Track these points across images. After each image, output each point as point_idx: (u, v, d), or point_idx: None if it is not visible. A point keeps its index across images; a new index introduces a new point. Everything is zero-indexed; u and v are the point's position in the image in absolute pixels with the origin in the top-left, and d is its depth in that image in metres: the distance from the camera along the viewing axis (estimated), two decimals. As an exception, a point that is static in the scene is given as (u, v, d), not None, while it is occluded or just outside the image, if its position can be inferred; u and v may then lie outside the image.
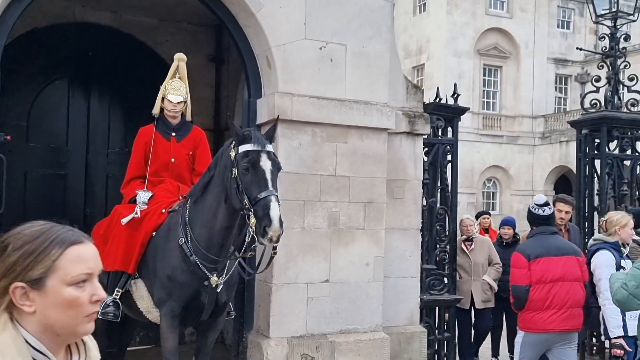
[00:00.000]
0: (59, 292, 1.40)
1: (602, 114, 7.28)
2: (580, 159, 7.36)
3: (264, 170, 3.79)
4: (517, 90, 31.85)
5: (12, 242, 1.44)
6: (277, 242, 3.69)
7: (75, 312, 1.42)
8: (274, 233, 3.61)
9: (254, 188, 3.74)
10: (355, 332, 5.73)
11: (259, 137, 3.93)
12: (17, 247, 1.42)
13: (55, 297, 1.41)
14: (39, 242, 1.43)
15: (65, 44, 6.84)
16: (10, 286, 1.40)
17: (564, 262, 4.90)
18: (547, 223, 5.10)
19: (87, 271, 1.45)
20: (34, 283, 1.40)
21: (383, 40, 5.95)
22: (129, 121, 7.06)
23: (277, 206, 3.67)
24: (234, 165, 3.87)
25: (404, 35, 31.16)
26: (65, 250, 1.43)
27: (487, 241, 7.57)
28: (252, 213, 3.70)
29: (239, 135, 3.92)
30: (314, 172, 5.62)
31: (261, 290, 5.66)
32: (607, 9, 7.53)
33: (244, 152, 3.84)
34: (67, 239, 1.46)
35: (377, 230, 5.89)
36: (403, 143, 6.32)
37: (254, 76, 5.78)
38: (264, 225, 3.63)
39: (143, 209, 4.54)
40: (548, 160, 31.13)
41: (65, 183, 6.88)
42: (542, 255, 4.92)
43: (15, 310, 1.42)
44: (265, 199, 3.67)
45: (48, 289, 1.40)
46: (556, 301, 4.84)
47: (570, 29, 33.58)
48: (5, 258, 1.42)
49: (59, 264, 1.41)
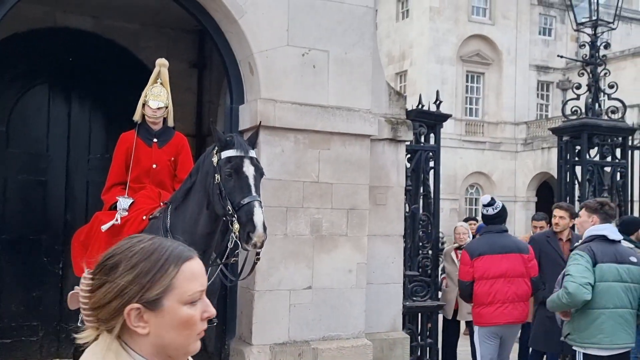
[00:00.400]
0: (176, 311, 1.31)
1: (582, 121, 7.35)
2: (562, 166, 7.42)
3: (247, 175, 3.77)
4: (500, 96, 32.12)
5: (123, 260, 1.32)
6: (261, 247, 3.68)
7: (190, 331, 1.34)
8: (258, 239, 3.60)
9: (237, 194, 3.72)
10: (338, 338, 5.72)
11: (241, 143, 3.92)
12: (131, 265, 1.31)
13: (171, 317, 1.31)
14: (154, 259, 1.32)
15: (46, 49, 6.78)
16: (124, 308, 1.29)
17: (507, 260, 5.21)
18: (494, 222, 5.44)
19: (201, 288, 1.37)
20: (150, 304, 1.30)
21: (366, 47, 5.96)
22: (110, 127, 7.00)
23: (260, 212, 3.65)
24: (217, 171, 3.85)
25: (387, 41, 31.31)
26: (181, 268, 1.34)
27: None
28: (235, 219, 3.68)
29: (221, 140, 3.91)
30: (296, 178, 5.61)
31: (243, 297, 5.63)
32: (587, 17, 7.61)
33: (226, 158, 3.83)
34: (181, 256, 1.35)
35: (360, 237, 5.89)
36: (386, 149, 6.33)
37: (237, 82, 5.77)
38: (248, 231, 3.61)
39: (124, 215, 4.50)
40: (530, 166, 31.39)
41: (46, 189, 6.80)
42: (485, 253, 5.25)
43: (126, 333, 1.32)
44: (248, 205, 3.66)
45: (165, 309, 1.31)
46: (499, 296, 5.17)
47: (552, 36, 33.96)
48: (116, 278, 1.30)
49: (176, 282, 1.32)
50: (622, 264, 4.30)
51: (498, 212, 5.44)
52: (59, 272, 6.69)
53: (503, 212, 5.52)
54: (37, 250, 6.71)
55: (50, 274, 6.76)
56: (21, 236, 6.64)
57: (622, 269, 4.29)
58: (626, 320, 4.31)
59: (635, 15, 34.17)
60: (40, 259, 6.73)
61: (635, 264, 4.36)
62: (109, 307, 1.31)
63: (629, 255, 4.44)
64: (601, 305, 4.26)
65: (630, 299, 4.32)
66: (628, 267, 4.32)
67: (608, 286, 4.26)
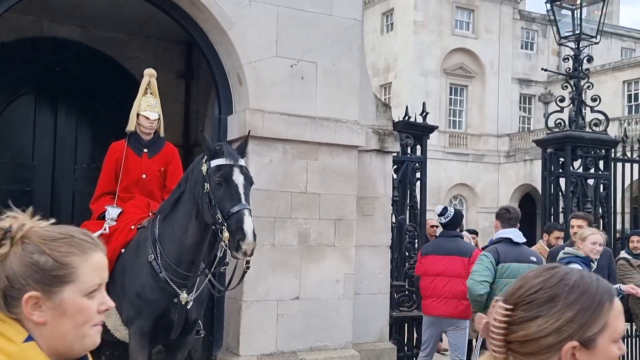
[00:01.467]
0: (608, 350, 1.27)
1: (566, 133, 7.45)
2: (546, 177, 7.50)
3: (237, 184, 3.77)
4: (483, 109, 32.41)
5: (561, 295, 1.28)
6: (251, 255, 3.67)
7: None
8: (247, 247, 3.59)
9: (226, 202, 3.72)
10: (326, 349, 5.72)
11: (231, 152, 3.92)
12: (571, 301, 1.27)
13: (603, 356, 1.28)
14: (591, 295, 1.28)
15: (33, 59, 6.76)
16: (560, 344, 1.25)
17: (447, 261, 5.80)
18: (448, 228, 5.98)
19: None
20: (587, 342, 1.25)
21: (354, 59, 6.02)
22: (97, 137, 6.99)
23: (250, 220, 3.65)
24: (206, 180, 3.84)
25: (371, 54, 31.49)
26: (613, 304, 1.29)
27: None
28: (225, 227, 3.66)
29: (210, 149, 3.91)
30: (284, 188, 5.63)
31: (231, 308, 5.62)
32: (570, 31, 7.74)
33: (216, 167, 3.82)
34: (611, 291, 1.31)
35: (347, 247, 5.91)
36: (373, 160, 6.37)
37: (225, 93, 5.79)
38: (238, 239, 3.60)
39: (112, 225, 4.48)
40: (513, 178, 31.65)
41: (31, 199, 6.75)
42: (430, 253, 5.94)
43: None
44: (238, 213, 3.65)
45: (598, 347, 1.27)
46: (435, 291, 5.80)
47: (534, 50, 34.39)
48: (554, 313, 1.26)
49: (609, 320, 1.28)
50: (523, 262, 4.98)
51: (450, 219, 5.95)
52: (44, 283, 6.63)
53: (455, 218, 6.03)
54: (21, 261, 6.65)
55: (35, 285, 6.69)
56: (5, 246, 6.57)
57: (522, 267, 4.90)
58: None
59: (615, 30, 34.73)
60: (24, 270, 6.66)
61: (535, 262, 4.99)
62: (541, 343, 1.27)
63: (530, 255, 5.15)
64: None
65: None
66: (528, 265, 4.90)
67: (509, 282, 4.80)
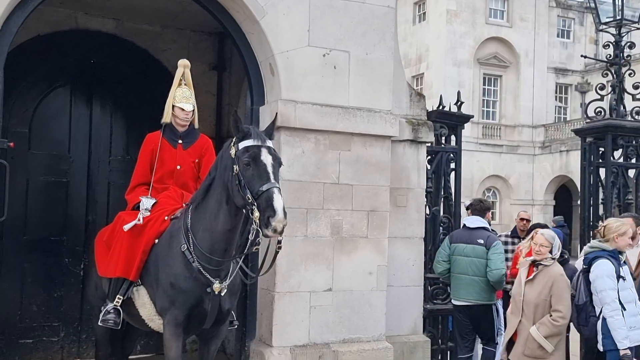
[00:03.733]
0: None
1: (606, 122, 7.24)
2: (585, 168, 7.31)
3: (265, 164, 3.74)
4: (517, 99, 31.88)
5: None
6: (282, 233, 3.60)
7: None
8: (278, 223, 3.53)
9: (256, 182, 3.69)
10: (359, 341, 5.68)
11: (258, 133, 3.90)
12: None
13: None
14: None
15: (68, 51, 6.82)
16: None
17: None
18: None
19: None
20: None
21: (387, 47, 5.93)
22: (131, 129, 7.03)
23: (280, 197, 3.60)
24: (235, 162, 3.82)
25: (403, 45, 31.17)
26: None
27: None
28: (255, 207, 3.63)
29: (239, 131, 3.89)
30: (316, 180, 5.59)
31: (263, 299, 5.62)
32: (611, 16, 7.51)
33: (244, 148, 3.81)
34: None
35: (380, 239, 5.85)
36: (406, 151, 6.29)
37: (257, 83, 5.77)
38: (268, 215, 3.55)
39: (146, 215, 4.50)
40: (548, 169, 31.11)
41: (67, 190, 6.83)
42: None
43: None
44: (268, 191, 3.61)
45: None
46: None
47: (570, 39, 33.66)
48: None
49: None
50: (469, 244, 6.06)
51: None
52: (80, 273, 6.71)
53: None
54: (58, 251, 6.74)
55: (72, 275, 6.79)
56: (43, 237, 6.68)
57: (467, 247, 6.07)
58: (467, 284, 6.04)
59: (656, 17, 33.80)
60: (61, 260, 6.76)
61: (481, 244, 6.02)
62: None
63: (478, 238, 6.07)
64: (455, 272, 6.16)
65: (474, 268, 6.01)
66: (473, 247, 6.05)
67: (458, 259, 6.13)
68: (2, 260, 6.15)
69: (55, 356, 6.75)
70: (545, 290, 4.96)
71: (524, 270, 5.19)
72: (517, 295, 5.18)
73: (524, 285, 5.10)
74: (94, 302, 5.03)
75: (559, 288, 4.94)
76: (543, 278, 4.99)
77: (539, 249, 5.05)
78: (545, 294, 4.95)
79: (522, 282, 5.13)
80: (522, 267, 5.23)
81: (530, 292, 5.03)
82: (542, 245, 5.05)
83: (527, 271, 5.15)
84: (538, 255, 5.06)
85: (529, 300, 5.02)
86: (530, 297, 5.01)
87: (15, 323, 6.56)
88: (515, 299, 5.21)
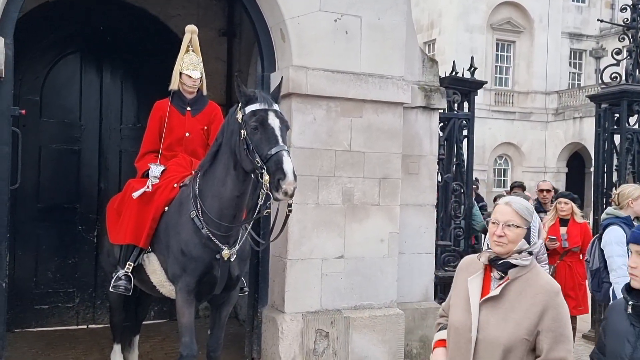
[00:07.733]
0: None
1: (622, 87, 7.13)
2: (599, 134, 7.23)
3: (273, 127, 3.70)
4: (531, 65, 31.45)
5: None
6: (292, 196, 3.57)
7: None
8: (288, 186, 3.50)
9: (264, 145, 3.65)
10: (370, 308, 5.71)
11: (265, 97, 3.86)
12: None
13: None
14: None
15: (77, 18, 6.77)
16: None
17: None
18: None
19: None
20: None
21: (399, 12, 5.83)
22: (142, 96, 7.01)
23: (289, 160, 3.57)
24: (242, 126, 3.78)
25: (415, 10, 30.59)
26: None
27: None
28: (264, 170, 3.59)
29: (245, 95, 3.85)
30: (328, 147, 5.56)
31: (275, 266, 5.64)
32: (629, -22, 7.35)
33: (251, 112, 3.77)
34: None
35: (392, 206, 5.83)
36: (419, 118, 6.23)
37: (268, 50, 5.69)
38: (278, 178, 3.51)
39: (155, 183, 4.50)
40: (561, 136, 30.83)
41: (79, 158, 6.86)
42: None
43: None
44: (277, 155, 3.58)
45: None
46: None
47: (586, 3, 33.00)
48: None
49: None
50: None
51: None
52: (94, 240, 6.78)
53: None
54: (71, 219, 6.80)
55: (85, 242, 6.86)
56: (56, 205, 6.73)
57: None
58: None
59: (673, -20, 33.03)
60: (75, 227, 6.82)
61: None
62: None
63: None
64: None
65: None
66: None
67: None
68: (17, 227, 6.21)
69: (70, 322, 6.86)
70: (527, 322, 2.51)
71: (476, 280, 2.66)
72: (461, 328, 2.63)
73: (477, 310, 2.60)
74: (107, 268, 5.09)
75: (556, 318, 2.51)
76: (520, 296, 2.55)
77: (503, 231, 2.58)
78: (526, 327, 2.50)
79: (474, 304, 2.61)
80: (476, 275, 2.68)
81: (493, 323, 2.55)
82: (507, 225, 2.58)
83: (481, 282, 2.66)
84: (498, 246, 2.59)
85: (492, 339, 2.53)
86: (493, 332, 2.54)
87: (31, 289, 6.66)
88: (457, 336, 2.65)
